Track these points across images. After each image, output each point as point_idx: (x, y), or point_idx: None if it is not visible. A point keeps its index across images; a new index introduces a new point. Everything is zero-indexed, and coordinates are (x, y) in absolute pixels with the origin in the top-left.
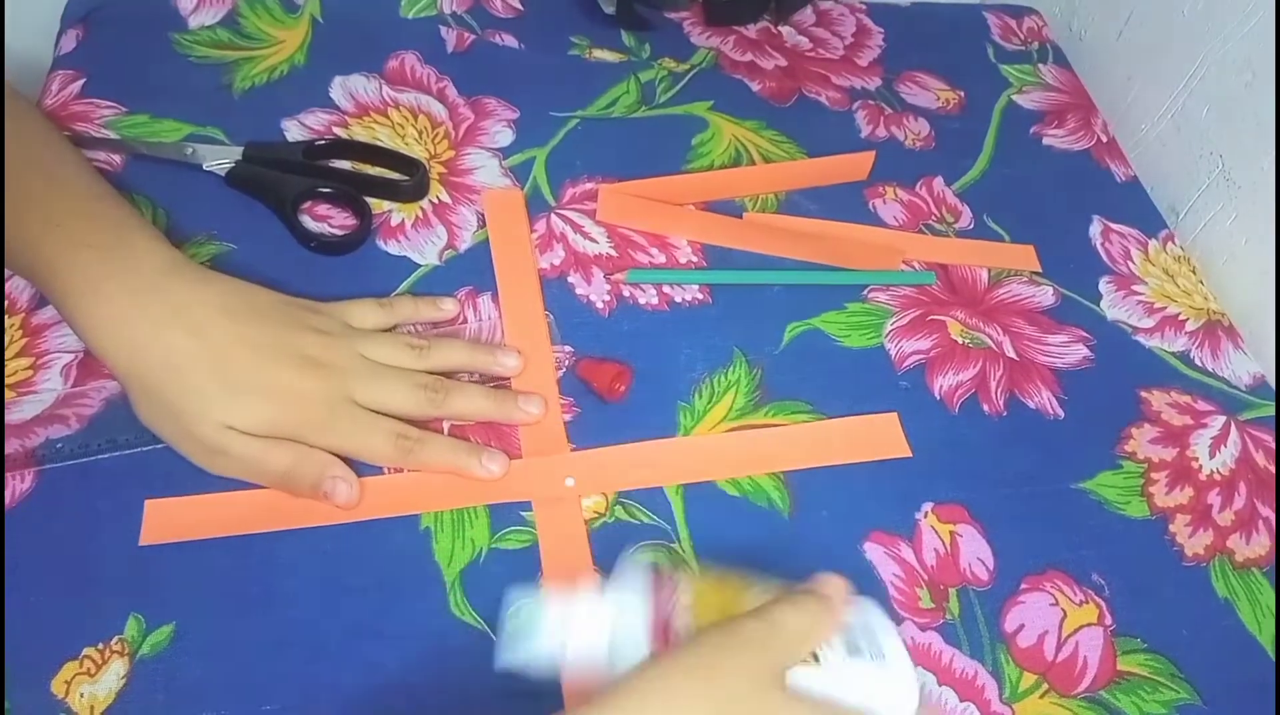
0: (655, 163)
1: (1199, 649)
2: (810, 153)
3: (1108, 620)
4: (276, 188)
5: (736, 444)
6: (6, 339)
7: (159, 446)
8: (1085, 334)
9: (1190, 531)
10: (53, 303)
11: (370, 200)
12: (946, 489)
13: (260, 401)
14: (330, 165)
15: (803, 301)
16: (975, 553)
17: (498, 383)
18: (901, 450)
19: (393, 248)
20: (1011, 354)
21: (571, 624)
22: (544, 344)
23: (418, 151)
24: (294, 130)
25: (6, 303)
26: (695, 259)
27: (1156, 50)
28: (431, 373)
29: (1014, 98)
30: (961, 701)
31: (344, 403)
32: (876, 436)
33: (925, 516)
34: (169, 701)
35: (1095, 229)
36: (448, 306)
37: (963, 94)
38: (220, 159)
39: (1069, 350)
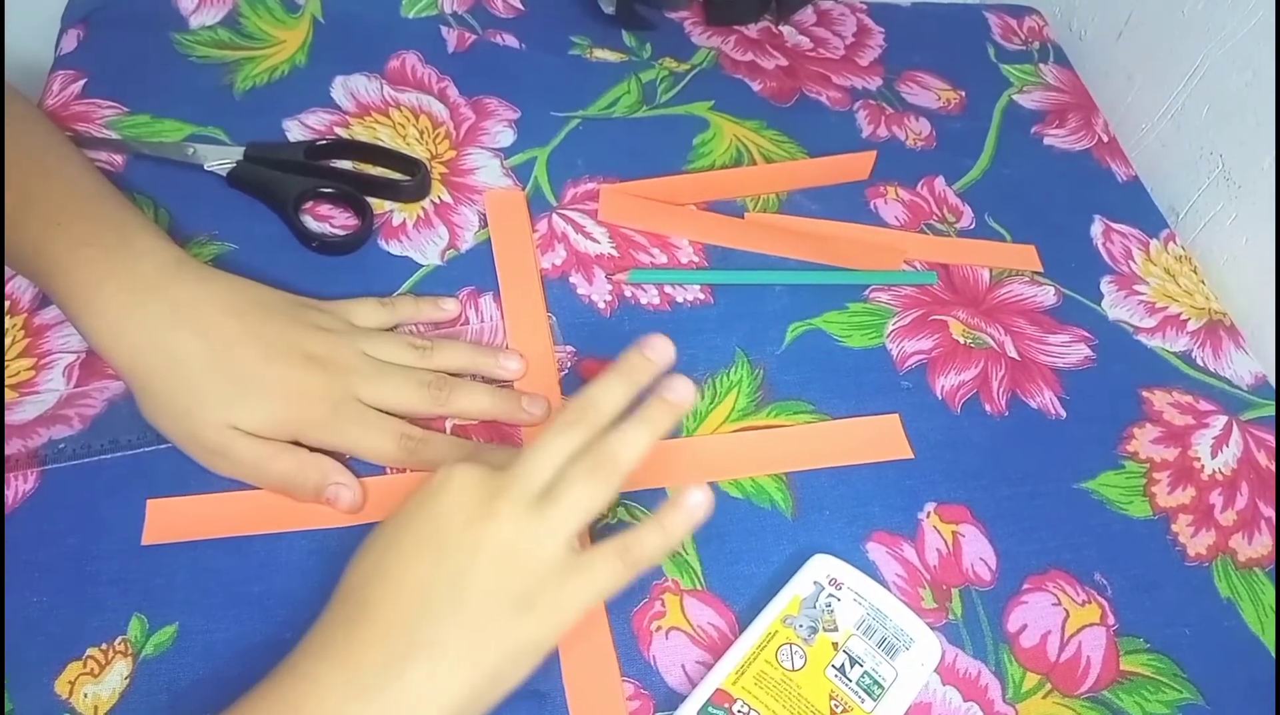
0: (656, 163)
1: (1202, 649)
2: (811, 152)
3: (1110, 620)
4: (278, 188)
5: (739, 445)
6: (9, 339)
7: (162, 446)
8: (1087, 334)
9: (1192, 531)
10: (56, 303)
11: (371, 200)
12: (949, 489)
13: (264, 400)
14: (331, 165)
15: (804, 301)
16: (978, 553)
17: (501, 383)
18: (903, 452)
19: (394, 248)
20: (1013, 354)
21: None
22: (546, 344)
23: (419, 151)
24: (295, 130)
25: (9, 303)
26: (697, 259)
27: (1156, 50)
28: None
29: (1015, 97)
30: (965, 701)
31: (348, 401)
32: (878, 438)
33: (928, 517)
34: (172, 702)
35: (1096, 229)
36: (449, 306)
37: (963, 94)
38: (222, 159)
39: (1071, 350)
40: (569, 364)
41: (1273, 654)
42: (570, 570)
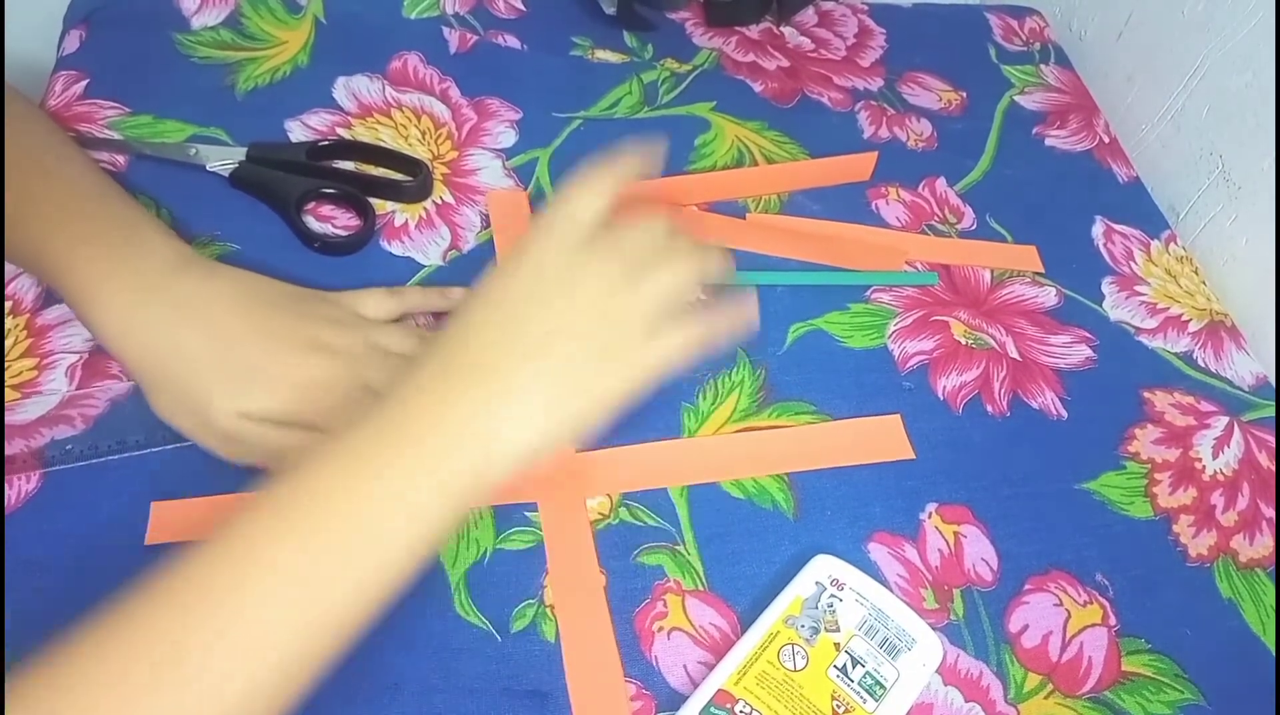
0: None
1: (1203, 649)
2: (813, 153)
3: (1112, 621)
4: (280, 188)
5: (741, 446)
6: (11, 339)
7: (167, 448)
8: (1088, 334)
9: (1194, 532)
10: (64, 300)
11: (373, 201)
12: (950, 489)
13: (274, 390)
14: (333, 166)
15: (806, 302)
16: (979, 553)
17: None
18: (905, 452)
19: (396, 248)
20: (1014, 354)
21: None
22: None
23: (421, 152)
24: (297, 131)
25: (11, 303)
26: None
27: (1156, 50)
28: None
29: (1016, 98)
30: (967, 702)
31: (358, 391)
32: (880, 439)
33: (929, 517)
34: None
35: (1098, 229)
36: (455, 295)
37: (965, 94)
38: (224, 159)
39: (1072, 351)
40: None
41: (1274, 654)
42: (650, 333)
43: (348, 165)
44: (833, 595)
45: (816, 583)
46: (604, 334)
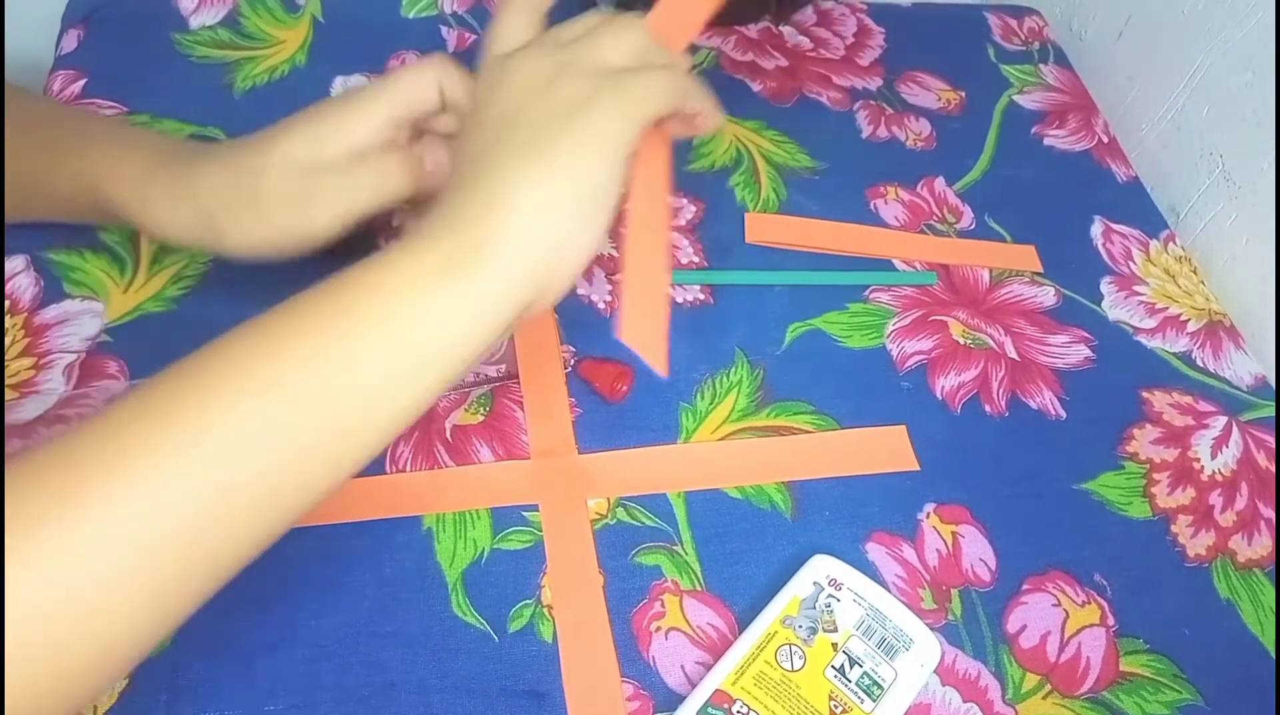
0: None
1: (1201, 650)
2: (811, 153)
3: (1110, 621)
4: None
5: (745, 453)
6: (9, 338)
7: None
8: (1087, 334)
9: (1192, 532)
10: (124, 221)
11: None
12: (948, 490)
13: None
14: None
15: (804, 302)
16: (977, 553)
17: (499, 385)
18: (909, 464)
19: None
20: (1013, 354)
21: None
22: (552, 341)
23: None
24: None
25: (9, 302)
26: (697, 259)
27: (1156, 50)
28: None
29: (1015, 98)
30: (965, 702)
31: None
32: (885, 449)
33: (927, 517)
34: (171, 701)
35: (1096, 229)
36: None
37: (964, 94)
38: None
39: (1070, 351)
40: (572, 362)
41: (1272, 655)
42: (627, 75)
43: None
44: (830, 595)
45: (814, 583)
46: (557, 97)
